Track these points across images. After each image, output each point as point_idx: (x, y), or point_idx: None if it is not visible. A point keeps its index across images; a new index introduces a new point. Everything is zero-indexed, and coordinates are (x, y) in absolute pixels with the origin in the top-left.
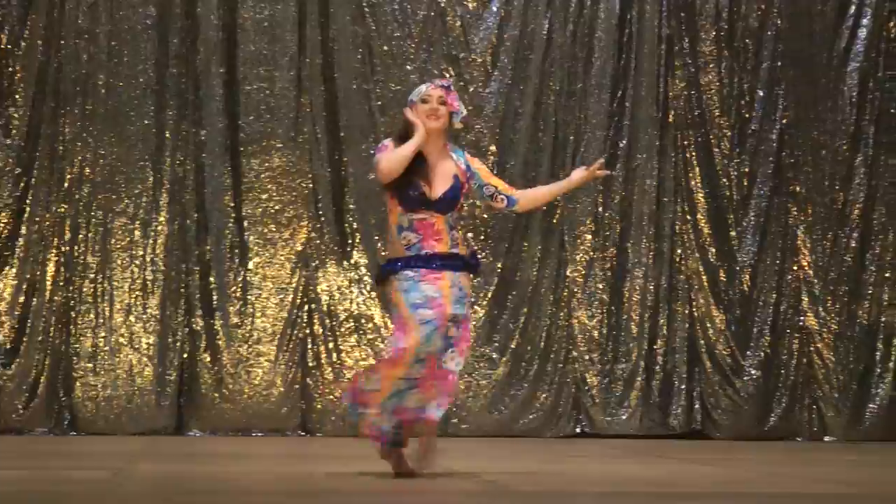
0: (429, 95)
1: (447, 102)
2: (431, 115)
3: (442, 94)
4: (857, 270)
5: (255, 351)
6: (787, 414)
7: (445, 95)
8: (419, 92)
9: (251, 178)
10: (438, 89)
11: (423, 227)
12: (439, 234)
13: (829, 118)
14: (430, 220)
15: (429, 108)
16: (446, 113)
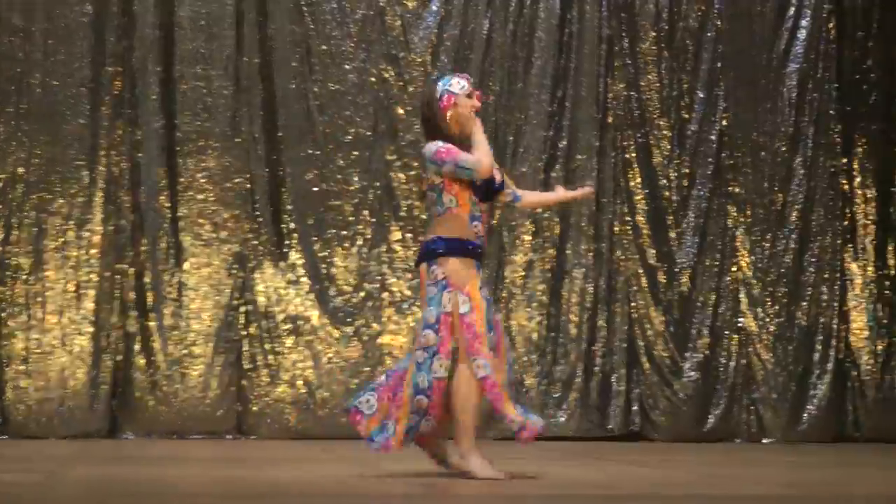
0: (472, 91)
1: (477, 98)
2: (475, 111)
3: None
4: (796, 272)
5: (191, 353)
6: (726, 415)
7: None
8: (462, 86)
9: (187, 177)
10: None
11: (485, 221)
12: (487, 230)
13: (768, 119)
14: (485, 212)
15: (472, 105)
16: None
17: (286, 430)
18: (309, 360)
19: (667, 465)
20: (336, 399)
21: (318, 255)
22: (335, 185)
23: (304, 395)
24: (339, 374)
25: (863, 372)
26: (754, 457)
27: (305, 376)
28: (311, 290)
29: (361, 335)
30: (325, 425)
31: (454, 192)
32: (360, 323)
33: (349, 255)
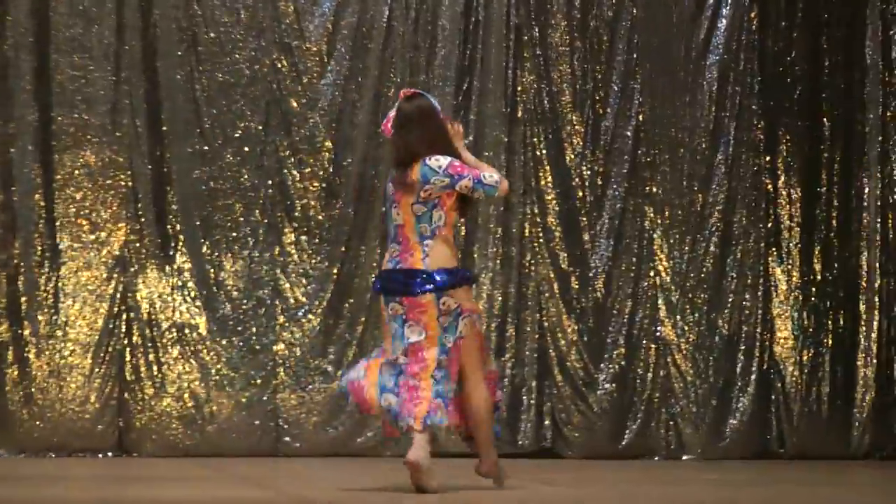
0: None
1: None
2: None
3: None
4: (717, 277)
5: (68, 363)
6: (643, 430)
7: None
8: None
9: (64, 175)
10: None
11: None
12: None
13: (687, 114)
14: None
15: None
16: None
17: (172, 447)
18: (196, 372)
19: (580, 484)
20: (226, 413)
21: (206, 259)
22: (224, 183)
23: (192, 409)
24: (229, 386)
25: (788, 384)
26: (673, 474)
27: (192, 389)
28: (199, 296)
29: (252, 345)
30: (214, 442)
31: (445, 210)
32: (251, 332)
33: (239, 259)
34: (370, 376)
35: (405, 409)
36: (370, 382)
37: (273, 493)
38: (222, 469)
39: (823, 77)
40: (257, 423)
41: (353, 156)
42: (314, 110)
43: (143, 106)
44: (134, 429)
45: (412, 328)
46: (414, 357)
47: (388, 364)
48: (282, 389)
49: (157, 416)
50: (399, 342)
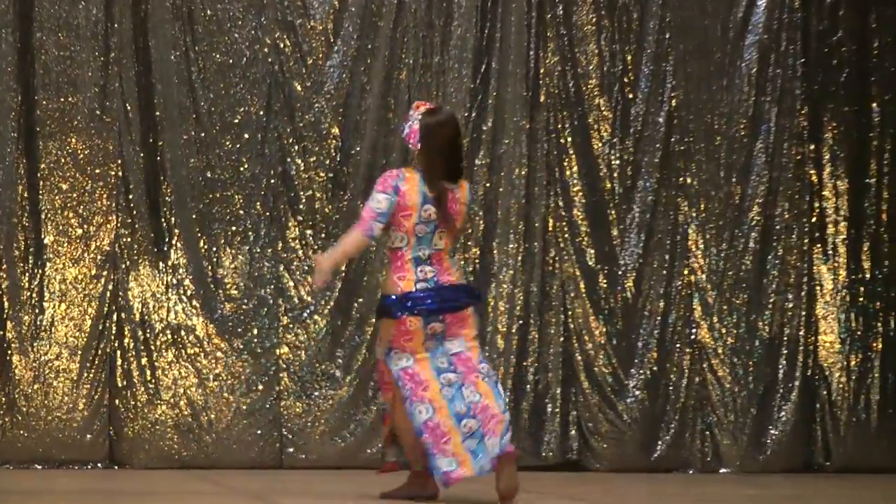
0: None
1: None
2: None
3: None
4: (757, 275)
5: (54, 368)
6: (677, 441)
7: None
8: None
9: (49, 163)
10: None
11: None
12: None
13: (724, 99)
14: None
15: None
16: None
17: (167, 458)
18: (193, 377)
19: (609, 499)
20: (225, 422)
21: (203, 255)
22: (222, 172)
23: (188, 417)
24: (229, 393)
25: (834, 391)
26: (709, 490)
27: (189, 396)
28: (195, 295)
29: (254, 348)
30: (213, 453)
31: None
32: (252, 334)
33: (239, 255)
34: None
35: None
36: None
37: None
38: (221, 482)
39: (872, 59)
40: (259, 432)
41: (362, 143)
42: (319, 94)
43: (135, 89)
44: (125, 438)
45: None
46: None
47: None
48: (286, 396)
49: (151, 425)
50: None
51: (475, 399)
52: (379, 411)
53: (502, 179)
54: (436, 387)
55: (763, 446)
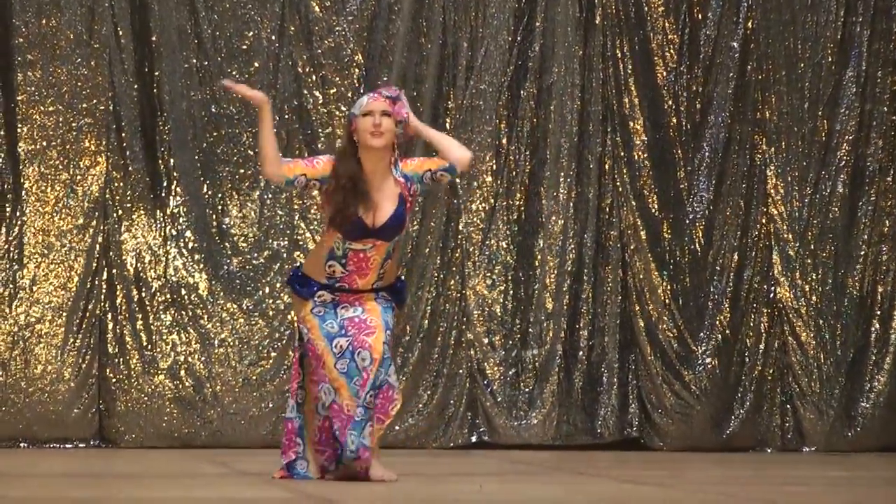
0: (370, 110)
1: (393, 114)
2: (374, 131)
3: (386, 107)
4: (847, 224)
5: (36, 332)
6: (753, 416)
7: (390, 107)
8: (360, 104)
9: (29, 96)
10: (381, 101)
11: (356, 262)
12: (368, 269)
13: (808, 20)
14: (368, 252)
15: (371, 124)
16: (392, 127)
17: (165, 436)
18: (195, 343)
19: (674, 483)
20: (232, 395)
21: (206, 202)
22: (228, 107)
23: (190, 389)
24: (236, 361)
25: None
26: (790, 472)
27: (190, 364)
28: (198, 248)
29: (265, 310)
30: (218, 430)
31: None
32: (262, 293)
33: (247, 202)
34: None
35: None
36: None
37: (288, 491)
38: (227, 463)
39: None
40: (271, 406)
41: (389, 73)
42: (340, 15)
43: (127, 10)
44: (118, 413)
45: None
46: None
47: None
48: None
49: (147, 398)
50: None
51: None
52: (410, 382)
53: (552, 114)
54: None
55: (853, 421)
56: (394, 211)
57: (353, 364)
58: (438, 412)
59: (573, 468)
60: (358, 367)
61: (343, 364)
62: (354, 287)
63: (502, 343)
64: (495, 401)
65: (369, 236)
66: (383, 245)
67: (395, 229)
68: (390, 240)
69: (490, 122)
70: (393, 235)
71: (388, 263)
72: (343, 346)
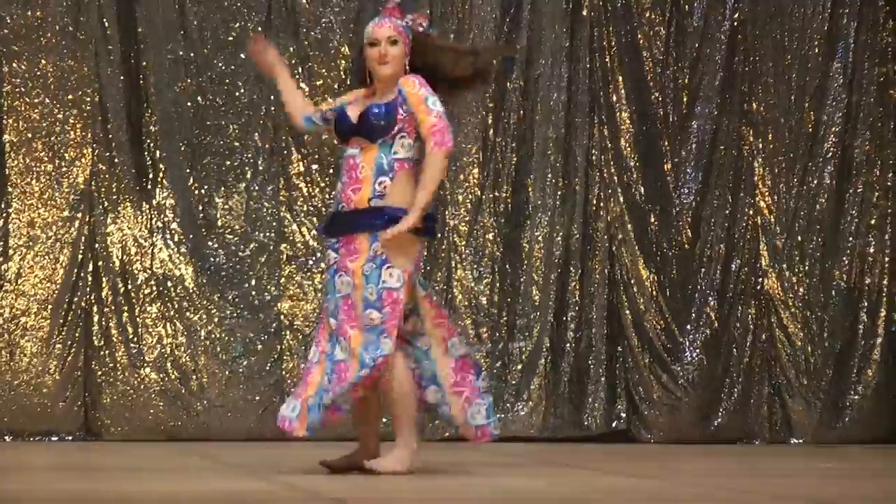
0: (376, 38)
1: (398, 39)
2: (381, 60)
3: (391, 33)
4: (834, 216)
5: (21, 324)
6: (741, 408)
7: (395, 31)
8: (367, 32)
9: (14, 87)
10: (385, 26)
11: (347, 170)
12: (360, 180)
13: (796, 12)
14: (357, 159)
15: (377, 53)
16: (399, 53)
17: (151, 429)
18: (181, 336)
19: (663, 476)
20: (218, 387)
21: (193, 194)
22: (215, 98)
23: (176, 382)
24: (223, 353)
25: None
26: (778, 465)
27: (177, 357)
28: (184, 240)
29: (252, 301)
30: (204, 423)
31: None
32: (249, 285)
33: (234, 194)
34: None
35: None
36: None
37: (276, 484)
38: (214, 457)
39: None
40: (258, 399)
41: None
42: (327, 6)
43: (113, 1)
44: (103, 406)
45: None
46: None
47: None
48: (288, 357)
49: (133, 391)
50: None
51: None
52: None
53: (538, 105)
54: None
55: (841, 413)
56: (372, 105)
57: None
58: (424, 403)
59: (561, 461)
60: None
61: (328, 346)
62: (352, 206)
63: (489, 335)
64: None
65: (353, 133)
66: (370, 148)
67: (376, 126)
68: (375, 138)
69: (476, 113)
70: (376, 132)
71: (384, 180)
72: (333, 327)
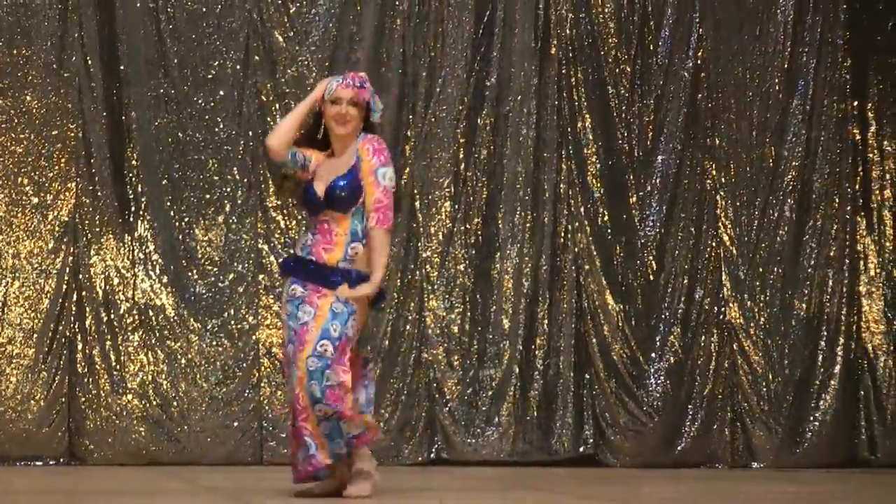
0: (338, 97)
1: (359, 103)
2: (340, 119)
3: (353, 95)
4: (794, 248)
5: (7, 353)
6: (704, 434)
7: (357, 95)
8: (330, 89)
9: (0, 123)
10: (349, 89)
11: (322, 231)
12: (333, 243)
13: (757, 50)
14: (330, 224)
15: (336, 112)
16: (358, 115)
17: (133, 454)
18: (162, 363)
19: (629, 499)
20: (198, 413)
21: (174, 226)
22: (195, 134)
23: (157, 408)
24: (203, 380)
25: (879, 377)
26: (740, 487)
27: (158, 384)
28: (165, 271)
29: (230, 330)
30: (184, 448)
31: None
32: (228, 314)
33: (213, 227)
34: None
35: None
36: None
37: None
38: (194, 480)
39: None
40: (237, 424)
41: None
42: (303, 46)
43: (96, 40)
44: (87, 432)
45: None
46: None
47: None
48: (266, 384)
49: (115, 417)
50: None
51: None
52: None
53: (508, 141)
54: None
55: (800, 438)
56: (337, 178)
57: (292, 378)
58: (399, 430)
59: (530, 484)
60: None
61: (288, 371)
62: (321, 260)
63: (460, 363)
64: (454, 419)
65: (322, 207)
66: (342, 217)
67: (342, 200)
68: (345, 211)
69: (448, 148)
70: (343, 205)
71: (356, 246)
72: (289, 354)
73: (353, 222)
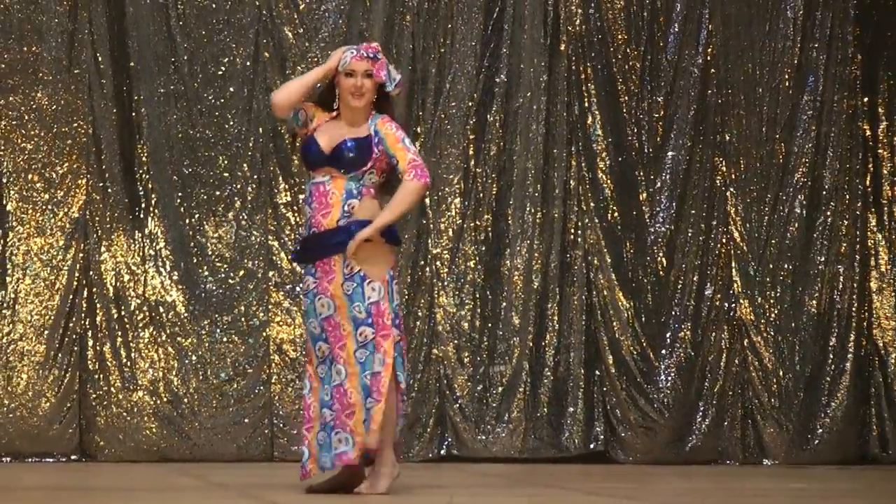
0: (353, 70)
1: (374, 75)
2: (356, 92)
3: (368, 67)
4: (804, 244)
5: (18, 349)
6: (714, 430)
7: (372, 67)
8: (344, 61)
9: (11, 121)
10: (364, 61)
11: (317, 196)
12: (329, 205)
13: (767, 46)
14: (327, 185)
15: (352, 85)
16: (372, 87)
17: (144, 450)
18: (173, 360)
19: (638, 495)
20: (209, 410)
21: (184, 223)
22: (205, 130)
23: (168, 404)
24: (213, 377)
25: (890, 373)
26: (751, 484)
27: (169, 380)
28: (175, 268)
29: (241, 327)
30: (195, 445)
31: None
32: (239, 311)
33: (224, 223)
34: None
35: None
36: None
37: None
38: (205, 477)
39: None
40: (247, 421)
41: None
42: (313, 42)
43: (106, 37)
44: (98, 428)
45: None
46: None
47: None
48: (277, 381)
49: (126, 414)
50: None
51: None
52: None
53: (517, 137)
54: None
55: (811, 435)
56: (347, 139)
57: (330, 374)
58: (409, 426)
59: (540, 481)
60: (332, 377)
61: (322, 369)
62: (321, 228)
63: (470, 359)
64: (464, 415)
65: (325, 163)
66: (340, 178)
67: (349, 160)
68: (348, 172)
69: (458, 145)
70: (347, 165)
71: (352, 202)
72: (325, 351)
73: (349, 183)
